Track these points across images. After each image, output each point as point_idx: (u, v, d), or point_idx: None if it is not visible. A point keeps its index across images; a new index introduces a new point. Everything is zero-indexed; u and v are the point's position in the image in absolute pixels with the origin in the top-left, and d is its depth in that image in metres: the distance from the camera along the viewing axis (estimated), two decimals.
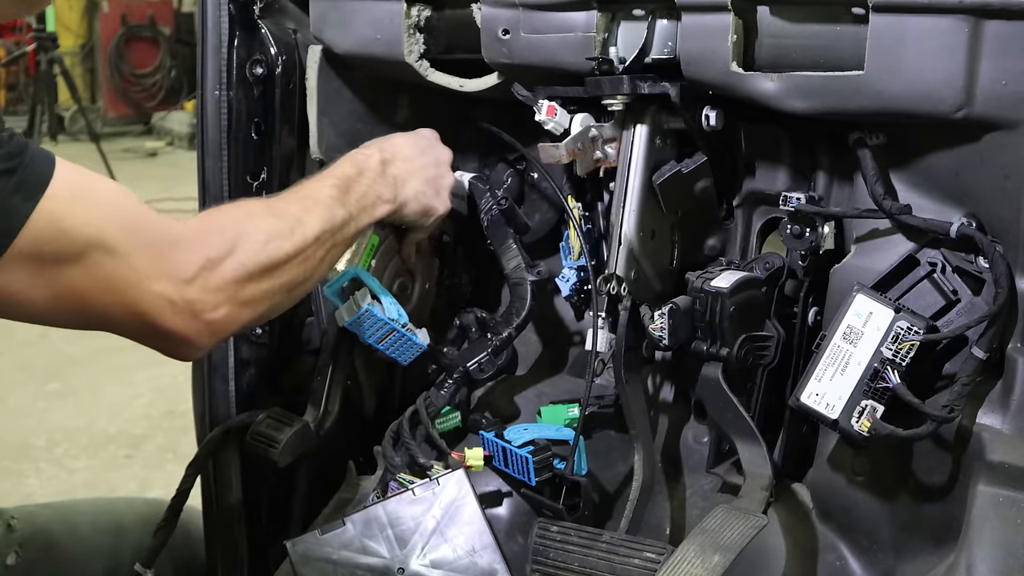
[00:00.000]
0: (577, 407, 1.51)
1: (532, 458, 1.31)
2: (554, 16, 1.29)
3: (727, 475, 1.44)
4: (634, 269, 1.32)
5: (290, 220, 1.19)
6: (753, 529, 1.13)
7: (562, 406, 1.50)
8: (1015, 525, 1.06)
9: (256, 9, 1.46)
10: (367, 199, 1.31)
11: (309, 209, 1.23)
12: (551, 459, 1.34)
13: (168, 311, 1.07)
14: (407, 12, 1.42)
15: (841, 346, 1.18)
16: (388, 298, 1.42)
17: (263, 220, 1.17)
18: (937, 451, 1.22)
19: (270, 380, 1.58)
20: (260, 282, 1.14)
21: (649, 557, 1.21)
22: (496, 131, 1.59)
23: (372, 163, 1.35)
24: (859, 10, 1.11)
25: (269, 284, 1.15)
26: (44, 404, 3.86)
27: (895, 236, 1.23)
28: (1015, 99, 1.06)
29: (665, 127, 1.34)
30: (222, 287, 1.10)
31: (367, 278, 1.41)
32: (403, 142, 1.42)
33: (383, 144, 1.40)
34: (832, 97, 1.14)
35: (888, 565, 1.30)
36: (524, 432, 1.37)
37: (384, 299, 1.41)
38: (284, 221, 1.19)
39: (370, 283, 1.41)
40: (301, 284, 1.21)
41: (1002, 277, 1.12)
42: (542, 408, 1.52)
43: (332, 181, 1.29)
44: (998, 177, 1.12)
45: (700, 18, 1.19)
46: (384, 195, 1.34)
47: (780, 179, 1.38)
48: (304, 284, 1.22)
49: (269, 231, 1.16)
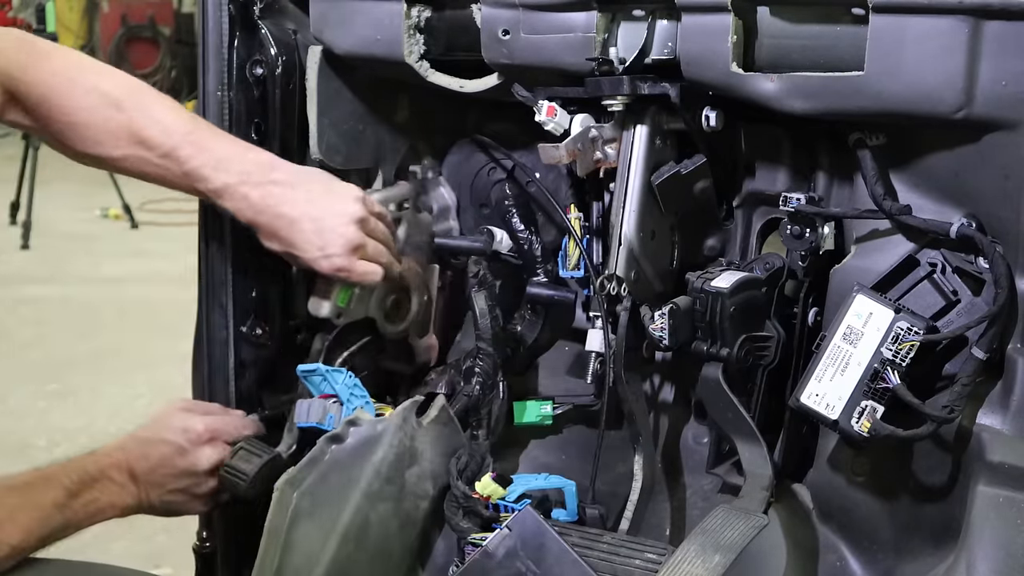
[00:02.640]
0: (551, 404, 1.52)
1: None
2: (554, 16, 1.29)
3: (727, 475, 1.44)
4: (634, 269, 1.32)
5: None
6: (754, 529, 1.13)
7: (535, 402, 1.51)
8: (1015, 525, 1.06)
9: (256, 9, 1.46)
10: (97, 504, 1.29)
11: (14, 514, 1.20)
12: (549, 509, 1.35)
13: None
14: (407, 13, 1.41)
15: (841, 346, 1.18)
16: (352, 403, 1.38)
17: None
18: (937, 451, 1.22)
19: (270, 381, 1.58)
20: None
21: (650, 558, 1.21)
22: (491, 143, 1.59)
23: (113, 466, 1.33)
24: (859, 10, 1.11)
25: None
26: (44, 404, 3.86)
27: (895, 236, 1.23)
28: (1015, 99, 1.06)
29: (665, 128, 1.34)
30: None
31: (332, 379, 1.38)
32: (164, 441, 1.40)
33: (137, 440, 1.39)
34: (832, 97, 1.14)
35: (888, 565, 1.30)
36: (511, 486, 1.34)
37: (345, 406, 1.37)
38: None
39: (335, 385, 1.38)
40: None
41: (1002, 277, 1.12)
42: (515, 404, 1.52)
43: (64, 481, 1.26)
44: (998, 177, 1.12)
45: (700, 18, 1.19)
46: (120, 502, 1.32)
47: (780, 179, 1.38)
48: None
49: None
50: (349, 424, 1.32)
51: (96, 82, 1.34)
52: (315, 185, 1.41)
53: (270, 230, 1.38)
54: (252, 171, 1.37)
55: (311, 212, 1.37)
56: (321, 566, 1.27)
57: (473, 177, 1.64)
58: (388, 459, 1.33)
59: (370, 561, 1.33)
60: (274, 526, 1.26)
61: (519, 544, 1.23)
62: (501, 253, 1.55)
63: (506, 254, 1.55)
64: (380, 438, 1.33)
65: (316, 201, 1.38)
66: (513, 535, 1.24)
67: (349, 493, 1.30)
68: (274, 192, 1.36)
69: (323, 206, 1.38)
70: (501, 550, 1.24)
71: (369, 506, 1.31)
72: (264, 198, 1.36)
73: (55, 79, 1.31)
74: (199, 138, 1.35)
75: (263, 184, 1.36)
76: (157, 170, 1.35)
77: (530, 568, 1.22)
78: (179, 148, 1.34)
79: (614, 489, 1.47)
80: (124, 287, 5.24)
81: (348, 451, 1.31)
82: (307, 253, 1.38)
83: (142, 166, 1.35)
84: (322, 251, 1.37)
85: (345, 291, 1.46)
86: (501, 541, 1.24)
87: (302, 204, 1.37)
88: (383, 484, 1.33)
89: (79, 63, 1.36)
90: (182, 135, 1.34)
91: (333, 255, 1.38)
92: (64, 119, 1.32)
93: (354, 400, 1.37)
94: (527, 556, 1.22)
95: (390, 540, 1.35)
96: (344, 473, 1.30)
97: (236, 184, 1.35)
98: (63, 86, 1.32)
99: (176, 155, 1.34)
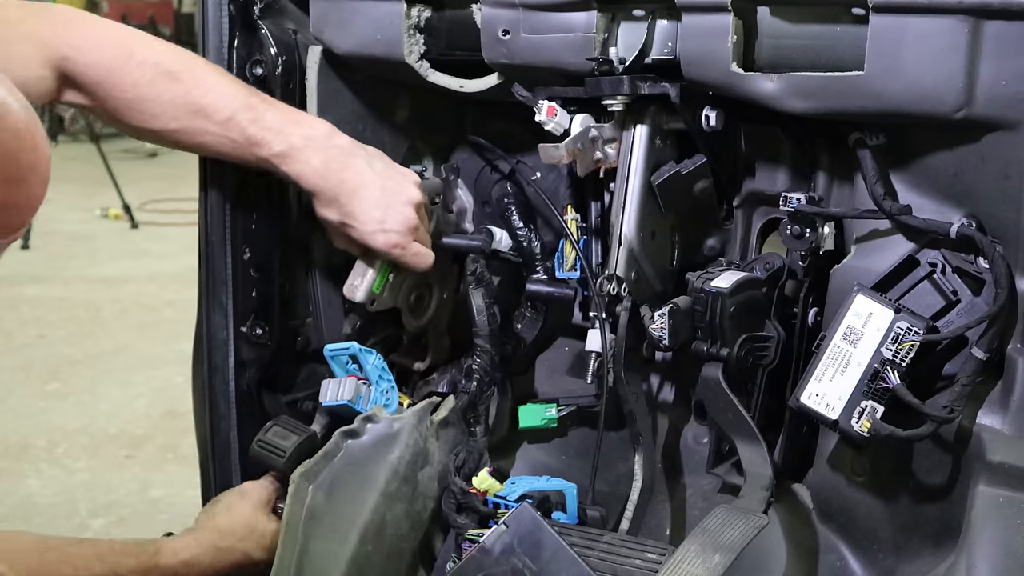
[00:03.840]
0: (555, 407, 1.52)
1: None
2: (554, 16, 1.29)
3: (727, 475, 1.44)
4: (634, 269, 1.32)
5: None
6: (754, 529, 1.13)
7: (539, 406, 1.51)
8: (1015, 525, 1.06)
9: (256, 9, 1.46)
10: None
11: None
12: (550, 510, 1.35)
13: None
14: (407, 13, 1.41)
15: (841, 346, 1.18)
16: (380, 385, 1.38)
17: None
18: (937, 451, 1.22)
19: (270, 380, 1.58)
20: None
21: (650, 557, 1.21)
22: (488, 145, 1.59)
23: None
24: (859, 10, 1.11)
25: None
26: (44, 404, 3.86)
27: (895, 236, 1.23)
28: (1015, 99, 1.06)
29: (665, 127, 1.34)
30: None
31: (363, 358, 1.39)
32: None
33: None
34: (832, 97, 1.14)
35: (888, 565, 1.30)
36: (512, 486, 1.36)
37: (375, 387, 1.38)
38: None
39: (365, 365, 1.39)
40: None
41: (1002, 277, 1.12)
42: (520, 408, 1.52)
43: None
44: (998, 177, 1.12)
45: (700, 18, 1.19)
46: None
47: (780, 179, 1.38)
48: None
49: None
50: (365, 420, 1.32)
51: (150, 55, 1.32)
52: (377, 161, 1.40)
53: (330, 195, 1.35)
54: (314, 136, 1.35)
55: (376, 184, 1.36)
56: (341, 565, 1.27)
57: (477, 174, 1.64)
58: (405, 458, 1.33)
59: (385, 561, 1.33)
60: (291, 519, 1.26)
61: (516, 540, 1.24)
62: (501, 252, 1.55)
63: (506, 252, 1.55)
64: (397, 437, 1.33)
65: (381, 175, 1.37)
66: (510, 531, 1.24)
67: (368, 492, 1.30)
68: (338, 158, 1.35)
69: (387, 182, 1.37)
70: (498, 546, 1.24)
71: (387, 506, 1.31)
72: (327, 163, 1.34)
73: (110, 56, 1.29)
74: (257, 103, 1.34)
75: (327, 148, 1.35)
76: (215, 140, 1.34)
77: (526, 564, 1.22)
78: (238, 114, 1.32)
79: (614, 489, 1.47)
80: (124, 287, 5.24)
81: (364, 447, 1.31)
82: (365, 225, 1.36)
83: (200, 137, 1.34)
84: (381, 225, 1.36)
85: (381, 277, 1.45)
86: (498, 537, 1.25)
87: (366, 174, 1.36)
88: (400, 484, 1.33)
89: (132, 38, 1.34)
90: (240, 101, 1.33)
91: (391, 231, 1.36)
92: (121, 96, 1.30)
93: (382, 383, 1.37)
94: (523, 552, 1.23)
95: (403, 541, 1.35)
96: (362, 470, 1.30)
97: (300, 147, 1.34)
98: (118, 62, 1.30)
99: (236, 121, 1.32)
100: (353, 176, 1.35)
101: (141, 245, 6.13)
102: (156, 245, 6.06)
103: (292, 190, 1.53)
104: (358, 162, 1.36)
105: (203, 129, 1.33)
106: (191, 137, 1.34)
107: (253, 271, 1.50)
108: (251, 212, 1.49)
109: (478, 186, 1.64)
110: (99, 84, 1.29)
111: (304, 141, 1.34)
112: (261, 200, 1.50)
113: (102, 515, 3.02)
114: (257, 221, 1.50)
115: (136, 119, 1.32)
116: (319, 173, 1.34)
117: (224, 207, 1.47)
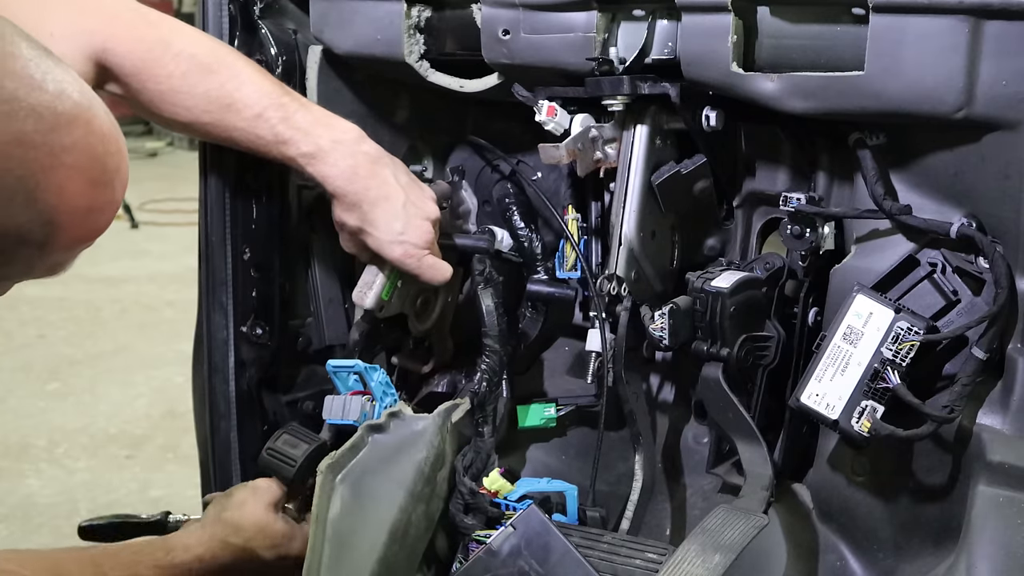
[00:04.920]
0: (554, 407, 1.52)
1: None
2: (554, 16, 1.29)
3: (727, 475, 1.44)
4: (634, 269, 1.32)
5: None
6: (754, 529, 1.13)
7: (538, 405, 1.50)
8: (1015, 525, 1.06)
9: (256, 9, 1.46)
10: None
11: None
12: (550, 512, 1.35)
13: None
14: (407, 13, 1.41)
15: (841, 346, 1.18)
16: (384, 401, 1.38)
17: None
18: (937, 451, 1.22)
19: (270, 380, 1.58)
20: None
21: (650, 557, 1.21)
22: (487, 145, 1.59)
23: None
24: (859, 10, 1.11)
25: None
26: (44, 404, 3.86)
27: (895, 236, 1.23)
28: (1015, 99, 1.06)
29: (665, 127, 1.34)
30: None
31: (369, 376, 1.38)
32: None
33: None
34: (832, 97, 1.13)
35: (888, 565, 1.30)
36: (513, 487, 1.36)
37: (378, 404, 1.37)
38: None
39: (370, 383, 1.38)
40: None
41: (1002, 277, 1.12)
42: (519, 408, 1.52)
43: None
44: (998, 177, 1.12)
45: (700, 18, 1.19)
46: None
47: (780, 179, 1.38)
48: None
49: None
50: (391, 416, 1.31)
51: (186, 46, 1.31)
52: (402, 174, 1.40)
53: (353, 201, 1.36)
54: (343, 139, 1.36)
55: (400, 197, 1.36)
56: (372, 564, 1.25)
57: (477, 174, 1.64)
58: (430, 459, 1.33)
59: (407, 561, 1.32)
60: (319, 512, 1.25)
61: (523, 543, 1.23)
62: (502, 252, 1.55)
63: (507, 252, 1.55)
64: (422, 437, 1.33)
65: (405, 188, 1.38)
66: (517, 533, 1.24)
67: (397, 491, 1.29)
68: (364, 164, 1.36)
69: (411, 195, 1.38)
70: (505, 548, 1.24)
71: (412, 506, 1.31)
72: (354, 168, 1.35)
73: (146, 47, 1.29)
74: (289, 102, 1.34)
75: (355, 154, 1.35)
76: (245, 135, 1.34)
77: (533, 567, 1.22)
78: (269, 110, 1.32)
79: (614, 489, 1.47)
80: (124, 287, 5.25)
81: (390, 444, 1.30)
82: (384, 235, 1.37)
83: (230, 132, 1.33)
84: (400, 236, 1.37)
85: (389, 284, 1.45)
86: (505, 539, 1.24)
87: (392, 185, 1.36)
88: (424, 485, 1.32)
89: (170, 28, 1.33)
90: (273, 98, 1.33)
91: (408, 243, 1.37)
92: (155, 87, 1.30)
93: (386, 398, 1.37)
94: (531, 555, 1.22)
95: (420, 542, 1.35)
96: (389, 468, 1.30)
97: (328, 150, 1.34)
98: (155, 54, 1.29)
99: (265, 118, 1.32)
100: (379, 185, 1.36)
101: (141, 245, 6.14)
102: (156, 245, 6.06)
103: (292, 190, 1.53)
104: (384, 172, 1.37)
105: (234, 124, 1.33)
106: (222, 131, 1.34)
107: (253, 271, 1.50)
108: (251, 212, 1.49)
109: (478, 186, 1.65)
110: (135, 75, 1.29)
111: (332, 144, 1.35)
112: (261, 200, 1.50)
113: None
114: (257, 221, 1.50)
115: (168, 111, 1.32)
116: (345, 177, 1.35)
117: (224, 207, 1.47)
